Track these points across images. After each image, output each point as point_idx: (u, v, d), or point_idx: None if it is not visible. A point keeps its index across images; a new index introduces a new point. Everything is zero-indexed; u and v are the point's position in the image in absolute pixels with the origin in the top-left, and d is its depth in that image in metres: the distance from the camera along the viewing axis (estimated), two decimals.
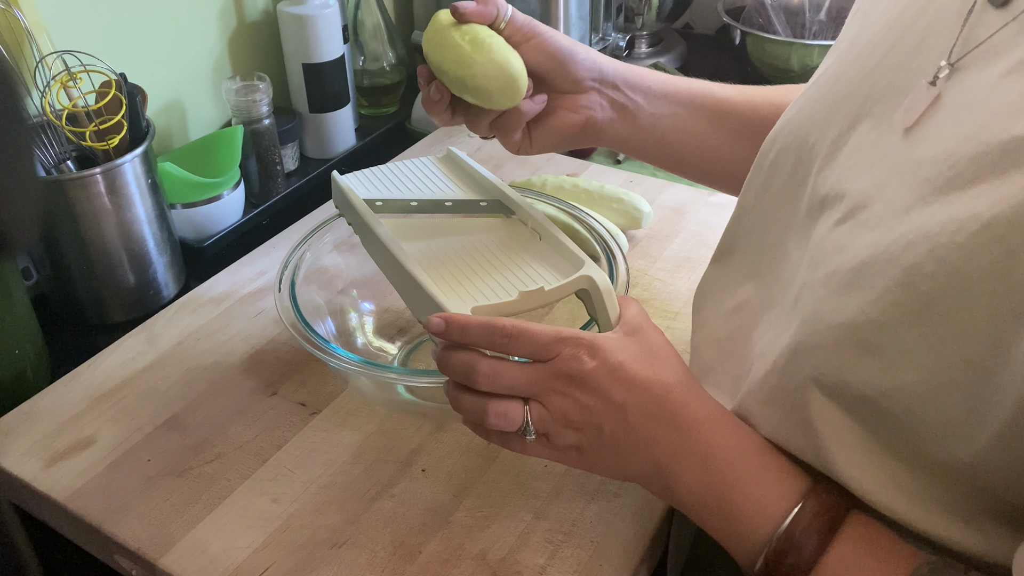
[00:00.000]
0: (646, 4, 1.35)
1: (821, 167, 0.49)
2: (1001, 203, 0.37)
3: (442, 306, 0.52)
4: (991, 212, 0.37)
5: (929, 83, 0.44)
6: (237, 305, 0.80)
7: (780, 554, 0.45)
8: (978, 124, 0.40)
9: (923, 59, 0.45)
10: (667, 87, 0.68)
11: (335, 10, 1.03)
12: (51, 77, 0.76)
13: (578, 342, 0.48)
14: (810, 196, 0.50)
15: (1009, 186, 0.37)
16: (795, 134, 0.53)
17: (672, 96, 0.68)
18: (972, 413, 0.39)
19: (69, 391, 0.71)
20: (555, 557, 0.57)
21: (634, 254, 0.87)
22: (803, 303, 0.47)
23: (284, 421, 0.67)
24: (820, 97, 0.52)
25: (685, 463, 0.48)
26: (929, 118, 0.43)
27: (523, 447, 0.50)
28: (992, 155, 0.38)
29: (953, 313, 0.38)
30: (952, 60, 0.43)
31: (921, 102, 0.44)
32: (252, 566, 0.56)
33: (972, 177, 0.39)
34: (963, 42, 0.43)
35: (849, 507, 0.45)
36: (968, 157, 0.39)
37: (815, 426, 0.46)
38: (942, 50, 0.44)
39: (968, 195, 0.39)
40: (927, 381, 0.40)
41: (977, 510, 0.42)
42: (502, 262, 0.60)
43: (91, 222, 0.78)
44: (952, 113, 0.42)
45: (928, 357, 0.40)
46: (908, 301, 0.40)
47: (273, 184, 1.02)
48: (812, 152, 0.51)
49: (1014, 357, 0.36)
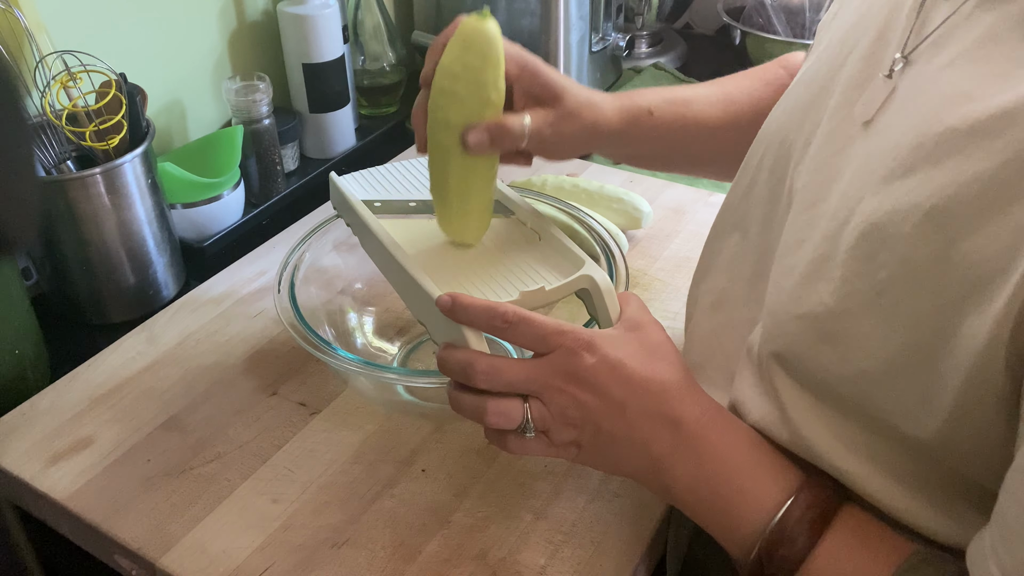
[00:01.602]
0: (646, 4, 1.35)
1: (796, 163, 0.51)
2: (938, 192, 0.38)
3: None
4: (930, 201, 0.39)
5: (885, 76, 0.45)
6: (237, 305, 0.80)
7: (773, 546, 0.45)
8: (919, 115, 0.41)
9: (881, 53, 0.47)
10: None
11: (335, 10, 1.03)
12: (51, 77, 0.76)
13: (577, 338, 0.49)
14: (787, 193, 0.52)
15: (944, 175, 0.39)
16: (776, 133, 0.55)
17: None
18: (923, 397, 0.40)
19: (69, 391, 0.71)
20: (555, 557, 0.57)
21: (634, 254, 0.87)
22: (769, 295, 0.49)
23: (284, 421, 0.67)
24: (798, 96, 0.54)
25: (681, 460, 0.49)
26: (884, 111, 0.45)
27: (522, 445, 0.50)
28: (928, 145, 0.40)
29: (902, 301, 0.40)
30: (905, 52, 0.44)
31: (879, 95, 0.45)
32: (252, 566, 0.56)
33: (911, 167, 0.40)
34: (915, 34, 0.44)
35: (841, 500, 0.46)
36: (909, 147, 0.41)
37: (788, 412, 0.47)
38: (897, 43, 0.45)
39: (908, 184, 0.40)
40: (880, 368, 0.41)
41: (951, 493, 0.43)
42: (502, 262, 0.60)
43: (91, 222, 0.78)
44: (902, 105, 0.43)
45: (881, 344, 0.41)
46: (864, 290, 0.42)
47: (273, 184, 1.02)
48: (790, 150, 0.52)
49: (957, 340, 0.38)
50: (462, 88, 0.55)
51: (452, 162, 0.57)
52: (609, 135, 0.63)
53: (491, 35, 0.54)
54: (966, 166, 0.38)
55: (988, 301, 0.36)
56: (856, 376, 0.43)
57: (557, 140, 0.60)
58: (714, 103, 0.68)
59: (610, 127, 0.62)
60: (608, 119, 0.62)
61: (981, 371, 0.37)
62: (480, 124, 0.55)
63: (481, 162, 0.57)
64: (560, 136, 0.59)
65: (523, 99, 0.59)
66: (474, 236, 0.62)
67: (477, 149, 0.55)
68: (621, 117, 0.63)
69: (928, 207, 0.39)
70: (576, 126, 0.60)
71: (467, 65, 0.54)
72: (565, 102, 0.59)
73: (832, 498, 0.46)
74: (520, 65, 0.58)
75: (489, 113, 0.55)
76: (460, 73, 0.54)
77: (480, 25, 0.54)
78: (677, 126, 0.66)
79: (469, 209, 0.60)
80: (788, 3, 1.34)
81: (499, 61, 0.55)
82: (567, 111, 0.59)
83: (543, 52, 1.17)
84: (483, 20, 0.54)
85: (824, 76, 0.51)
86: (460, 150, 0.56)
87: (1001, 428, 0.38)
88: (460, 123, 0.55)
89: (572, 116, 0.60)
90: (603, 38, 1.23)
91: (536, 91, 0.59)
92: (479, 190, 0.59)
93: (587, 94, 0.61)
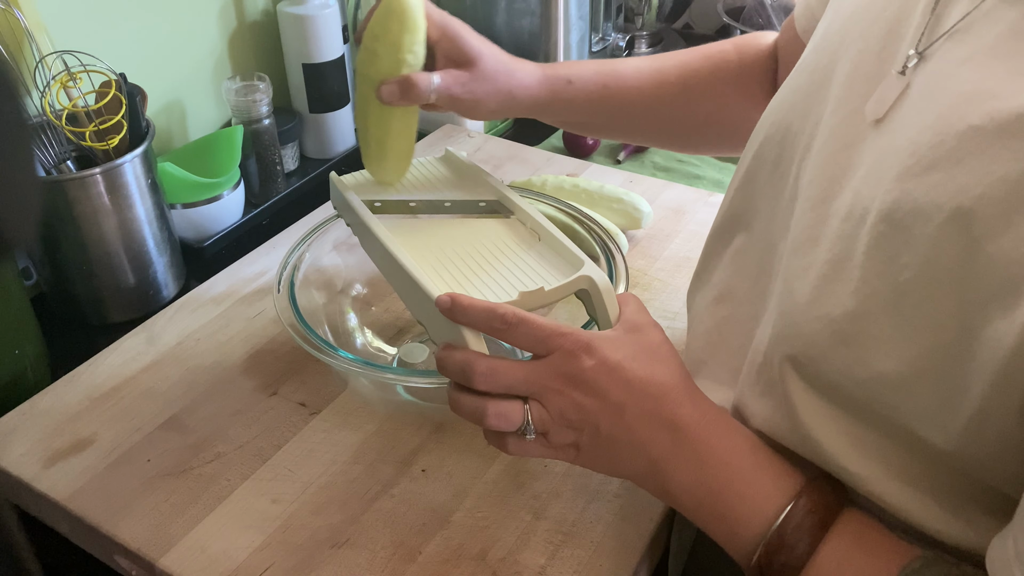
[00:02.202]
0: (646, 4, 1.35)
1: (803, 155, 0.50)
2: (962, 192, 0.38)
3: None
4: (955, 201, 0.38)
5: (899, 72, 0.44)
6: (237, 305, 0.80)
7: (773, 552, 0.45)
8: (937, 112, 0.40)
9: (893, 48, 0.46)
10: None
11: (335, 10, 1.03)
12: (51, 77, 0.76)
13: (576, 340, 0.48)
14: (792, 185, 0.51)
15: (967, 175, 0.38)
16: (779, 124, 0.54)
17: None
18: (945, 401, 0.39)
19: (69, 391, 0.71)
20: (555, 557, 0.57)
21: (634, 254, 0.87)
22: (782, 294, 0.48)
23: (284, 421, 0.67)
24: (798, 87, 0.53)
25: (680, 463, 0.49)
26: (897, 108, 0.44)
27: (521, 447, 0.50)
28: (949, 143, 0.39)
29: (925, 303, 0.39)
30: (920, 49, 0.43)
31: (891, 93, 0.44)
32: (252, 566, 0.56)
33: (930, 164, 0.39)
34: (931, 30, 0.43)
35: (842, 504, 0.46)
36: (928, 145, 0.40)
37: (798, 414, 0.46)
38: (911, 39, 0.44)
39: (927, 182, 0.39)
40: (900, 371, 0.40)
41: (963, 496, 0.42)
42: (501, 262, 0.60)
43: (91, 222, 0.78)
44: (917, 103, 0.43)
45: (902, 347, 0.40)
46: (885, 292, 0.41)
47: (273, 184, 1.02)
48: (795, 141, 0.52)
49: (982, 343, 0.37)
50: (381, 48, 0.62)
51: (371, 111, 0.64)
52: (528, 102, 0.69)
53: (410, 4, 0.61)
54: (993, 167, 0.37)
55: (1015, 305, 0.36)
56: (874, 379, 0.42)
57: (470, 100, 0.66)
58: (642, 73, 0.72)
59: (528, 94, 0.68)
60: (526, 87, 0.68)
61: (1006, 376, 0.36)
62: (392, 79, 0.62)
63: (396, 112, 0.64)
64: (473, 96, 0.66)
65: (442, 61, 0.66)
66: (392, 177, 0.68)
67: (388, 100, 0.62)
68: (541, 86, 0.69)
69: (952, 207, 0.38)
70: (489, 88, 0.66)
71: (387, 28, 0.61)
72: (480, 66, 0.65)
73: (833, 502, 0.46)
74: (441, 30, 0.64)
75: (404, 71, 0.62)
76: (380, 35, 0.62)
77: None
78: (597, 96, 0.71)
79: (386, 153, 0.66)
80: (788, 3, 1.34)
81: (416, 27, 0.62)
82: (481, 74, 0.65)
83: (543, 52, 1.17)
84: None
85: (826, 67, 0.50)
86: (376, 102, 0.63)
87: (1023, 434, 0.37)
88: (377, 78, 0.62)
89: (486, 79, 0.66)
90: (603, 38, 1.23)
91: (454, 55, 0.65)
92: (396, 135, 0.66)
93: (507, 61, 0.68)
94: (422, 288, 0.54)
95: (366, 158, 0.68)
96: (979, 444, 0.39)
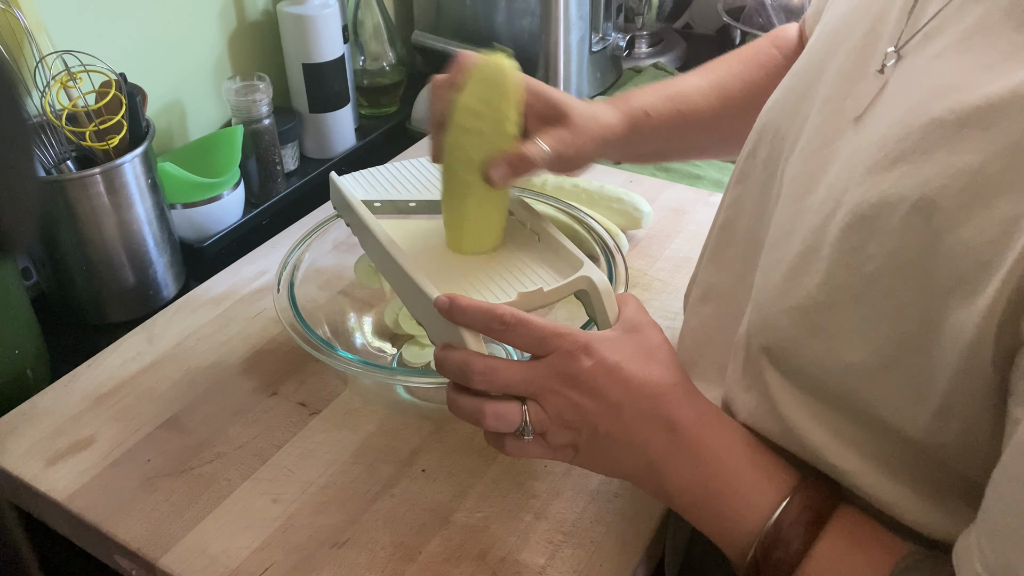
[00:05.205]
0: (646, 4, 1.35)
1: (788, 155, 0.51)
2: (925, 184, 0.38)
3: None
4: (918, 193, 0.39)
5: (877, 71, 0.45)
6: (237, 305, 0.80)
7: (768, 548, 0.45)
8: (907, 106, 0.41)
9: (873, 47, 0.46)
10: None
11: (335, 10, 1.03)
12: (51, 77, 0.76)
13: (574, 340, 0.48)
14: (778, 183, 0.52)
15: (931, 167, 0.38)
16: (769, 125, 0.55)
17: None
18: (913, 391, 0.40)
19: (69, 391, 0.71)
20: (555, 557, 0.57)
21: (634, 254, 0.87)
22: (758, 287, 0.49)
23: (284, 421, 0.67)
24: (791, 87, 0.54)
25: (677, 463, 0.49)
26: (874, 105, 0.44)
27: (520, 447, 0.50)
28: (914, 136, 0.40)
29: (890, 293, 0.40)
30: (898, 47, 0.44)
31: (869, 91, 0.45)
32: (252, 566, 0.56)
33: (897, 157, 0.40)
34: (909, 28, 0.44)
35: (837, 501, 0.46)
36: (895, 138, 0.41)
37: (779, 407, 0.47)
38: (890, 38, 0.45)
39: (893, 175, 0.40)
40: (868, 362, 0.41)
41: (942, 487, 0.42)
42: (501, 263, 0.60)
43: (91, 222, 0.78)
44: (892, 98, 0.43)
45: (868, 337, 0.41)
46: (851, 283, 0.41)
47: (273, 184, 1.02)
48: (783, 141, 0.52)
49: (944, 334, 0.38)
50: (486, 126, 0.56)
51: (472, 195, 0.58)
52: (615, 142, 0.64)
53: (509, 71, 0.55)
54: (953, 158, 0.37)
55: (973, 295, 0.36)
56: (844, 369, 0.42)
57: (575, 157, 0.60)
58: (708, 94, 0.69)
59: (615, 135, 0.63)
60: (613, 128, 0.63)
61: (969, 366, 0.37)
62: (501, 158, 0.56)
63: (498, 192, 0.59)
64: (577, 152, 0.60)
65: (533, 121, 0.60)
66: (491, 247, 0.62)
67: (501, 183, 0.56)
68: (623, 123, 0.64)
69: (916, 199, 0.39)
70: (586, 139, 0.60)
71: (489, 103, 0.55)
72: (573, 119, 0.60)
73: (827, 499, 0.46)
74: (529, 90, 0.59)
75: (507, 145, 0.56)
76: (483, 112, 0.55)
77: (499, 62, 0.55)
78: (674, 123, 0.67)
79: (490, 231, 0.61)
80: (788, 3, 1.34)
81: (519, 95, 0.56)
82: (576, 127, 0.60)
83: (543, 52, 1.17)
84: (500, 57, 0.55)
85: (815, 68, 0.51)
86: (480, 184, 0.57)
87: (990, 423, 0.38)
88: (479, 159, 0.56)
89: (583, 131, 0.60)
90: (603, 38, 1.23)
91: (545, 113, 0.60)
92: (499, 212, 0.61)
93: (589, 107, 0.62)
94: (421, 288, 0.54)
95: (457, 242, 0.61)
96: (947, 433, 0.40)
